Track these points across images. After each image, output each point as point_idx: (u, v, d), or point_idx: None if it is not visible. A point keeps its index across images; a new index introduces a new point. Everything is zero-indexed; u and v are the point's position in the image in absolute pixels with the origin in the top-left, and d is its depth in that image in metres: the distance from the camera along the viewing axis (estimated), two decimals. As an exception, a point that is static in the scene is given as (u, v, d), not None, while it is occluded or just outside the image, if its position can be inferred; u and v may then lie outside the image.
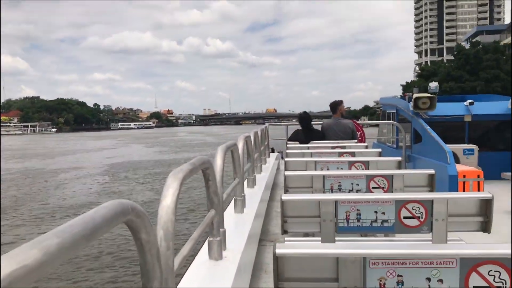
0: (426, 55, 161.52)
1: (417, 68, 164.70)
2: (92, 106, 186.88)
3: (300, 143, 7.85)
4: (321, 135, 8.08)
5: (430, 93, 10.76)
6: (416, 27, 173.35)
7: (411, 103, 9.81)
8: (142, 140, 75.81)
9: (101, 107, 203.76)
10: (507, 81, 55.60)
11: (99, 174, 29.19)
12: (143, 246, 1.29)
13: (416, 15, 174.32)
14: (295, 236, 3.80)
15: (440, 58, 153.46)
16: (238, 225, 3.52)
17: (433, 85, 11.39)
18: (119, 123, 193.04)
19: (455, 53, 66.29)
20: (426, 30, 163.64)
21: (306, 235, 3.89)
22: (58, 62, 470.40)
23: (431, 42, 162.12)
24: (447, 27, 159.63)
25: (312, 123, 8.68)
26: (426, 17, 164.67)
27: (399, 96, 13.36)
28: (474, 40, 69.11)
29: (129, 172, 29.67)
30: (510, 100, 9.71)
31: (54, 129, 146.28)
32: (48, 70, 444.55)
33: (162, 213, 1.61)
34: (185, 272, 2.41)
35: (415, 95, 9.96)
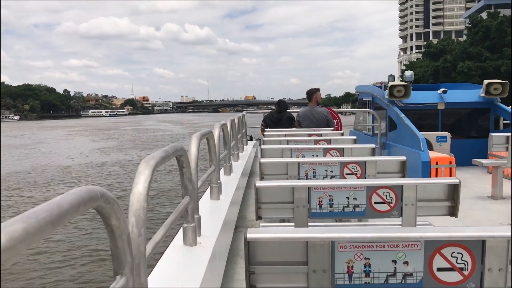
0: (411, 39, 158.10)
1: (401, 53, 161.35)
2: (62, 92, 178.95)
3: (271, 123, 9.01)
4: (290, 119, 9.09)
5: (406, 82, 10.92)
6: (400, 10, 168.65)
7: (386, 91, 9.94)
8: (97, 131, 64.16)
9: (72, 94, 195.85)
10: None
11: None
12: (114, 232, 1.30)
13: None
14: (271, 222, 3.86)
15: (426, 43, 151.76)
16: (214, 211, 3.55)
17: (408, 73, 11.57)
18: (90, 111, 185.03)
19: (469, 26, 53.45)
20: (411, 13, 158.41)
21: (283, 220, 3.95)
22: (32, 48, 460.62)
23: (416, 26, 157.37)
24: (433, 10, 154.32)
25: (289, 110, 9.80)
26: None
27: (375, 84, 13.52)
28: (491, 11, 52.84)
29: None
30: (482, 88, 9.93)
31: (16, 117, 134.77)
32: (21, 56, 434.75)
33: (133, 200, 1.62)
34: (159, 258, 2.43)
35: (390, 83, 10.09)
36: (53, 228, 0.91)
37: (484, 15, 55.49)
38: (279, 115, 9.19)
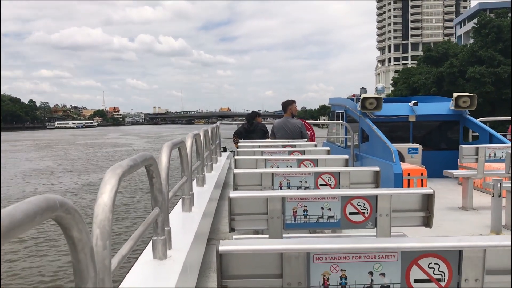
0: (389, 51, 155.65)
1: (379, 65, 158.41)
2: (27, 102, 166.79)
3: (243, 135, 9.07)
4: (263, 130, 9.25)
5: (377, 94, 11.08)
6: (378, 21, 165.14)
7: (359, 104, 10.05)
8: (44, 147, 54.19)
9: (38, 104, 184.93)
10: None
11: None
12: (75, 245, 1.21)
13: (378, 8, 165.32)
14: (245, 234, 3.78)
15: (405, 54, 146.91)
16: (185, 224, 3.46)
17: (380, 86, 11.75)
18: (56, 122, 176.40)
19: (476, 26, 46.60)
20: (389, 24, 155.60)
21: (257, 233, 3.88)
22: (1, 58, 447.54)
23: (395, 37, 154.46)
24: (411, 21, 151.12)
25: (264, 122, 9.98)
26: (390, 10, 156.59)
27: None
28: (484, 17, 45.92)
29: None
30: (451, 101, 10.15)
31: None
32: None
33: (98, 211, 1.53)
34: (127, 272, 2.32)
35: (362, 95, 10.22)
36: (3, 240, 0.83)
37: (460, 28, 50.99)
38: (251, 126, 9.30)
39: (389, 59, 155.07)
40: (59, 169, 30.82)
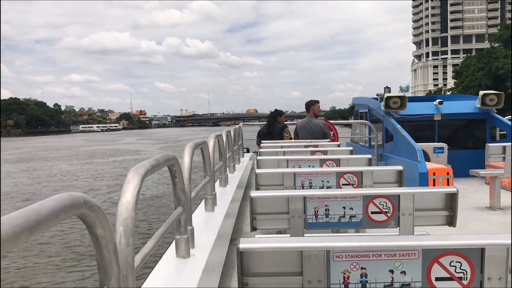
0: (427, 45, 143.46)
1: (416, 60, 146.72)
2: (52, 106, 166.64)
3: (264, 136, 8.91)
4: (281, 128, 8.90)
5: (401, 93, 10.94)
6: (414, 14, 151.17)
7: (383, 103, 9.94)
8: (30, 160, 42.59)
9: (63, 108, 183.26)
10: None
11: None
12: (99, 242, 1.25)
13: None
14: (267, 234, 3.80)
15: (444, 48, 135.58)
16: (208, 223, 3.49)
17: (404, 85, 11.59)
18: (81, 126, 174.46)
19: None
20: (427, 16, 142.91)
21: (279, 232, 3.90)
22: (34, 63, 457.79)
23: (432, 30, 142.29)
24: (451, 12, 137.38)
25: (288, 122, 9.86)
26: (427, 1, 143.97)
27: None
28: None
29: None
30: (478, 99, 9.95)
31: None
32: (23, 71, 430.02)
33: (121, 209, 1.57)
34: (151, 270, 2.37)
35: (386, 94, 10.11)
36: (30, 235, 0.86)
37: None
38: (270, 127, 9.14)
39: (427, 54, 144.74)
40: (34, 191, 22.74)
